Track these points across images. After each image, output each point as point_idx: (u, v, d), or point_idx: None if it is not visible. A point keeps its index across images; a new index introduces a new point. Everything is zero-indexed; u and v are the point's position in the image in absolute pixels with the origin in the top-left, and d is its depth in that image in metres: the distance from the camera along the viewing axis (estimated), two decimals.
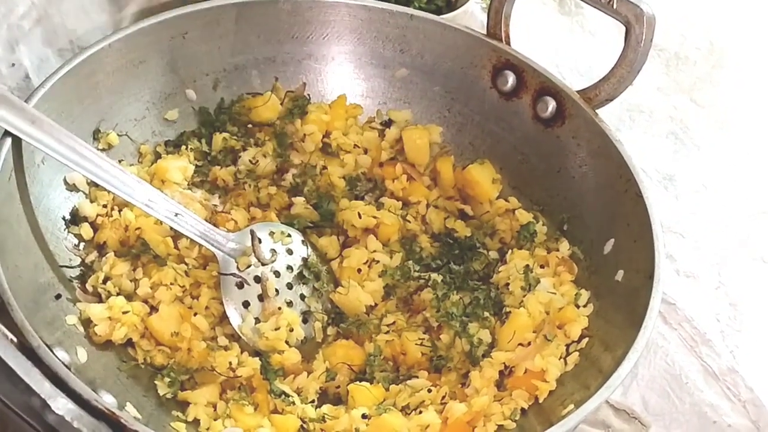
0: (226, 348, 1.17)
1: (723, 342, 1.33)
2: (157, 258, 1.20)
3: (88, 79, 1.23)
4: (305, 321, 1.22)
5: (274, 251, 1.23)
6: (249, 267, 1.21)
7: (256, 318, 1.19)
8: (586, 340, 1.16)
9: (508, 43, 1.34)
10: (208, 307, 1.20)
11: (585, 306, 1.19)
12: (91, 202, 1.23)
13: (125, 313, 1.14)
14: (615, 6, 1.21)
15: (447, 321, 1.21)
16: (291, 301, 1.22)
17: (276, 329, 1.18)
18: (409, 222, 1.31)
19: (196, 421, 1.10)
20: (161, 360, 1.15)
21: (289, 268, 1.24)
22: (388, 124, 1.40)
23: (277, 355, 1.17)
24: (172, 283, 1.18)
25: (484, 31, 1.35)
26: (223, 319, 1.20)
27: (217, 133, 1.34)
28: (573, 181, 1.29)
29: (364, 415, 1.10)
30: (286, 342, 1.18)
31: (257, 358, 1.16)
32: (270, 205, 1.32)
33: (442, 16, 1.43)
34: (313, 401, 1.15)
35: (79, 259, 1.20)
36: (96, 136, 1.26)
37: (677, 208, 1.48)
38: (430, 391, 1.15)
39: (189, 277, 1.20)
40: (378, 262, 1.26)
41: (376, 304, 1.24)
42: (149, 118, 1.32)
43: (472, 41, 1.35)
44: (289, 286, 1.23)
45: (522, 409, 1.12)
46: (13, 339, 0.94)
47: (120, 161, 1.26)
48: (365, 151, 1.38)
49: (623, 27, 1.22)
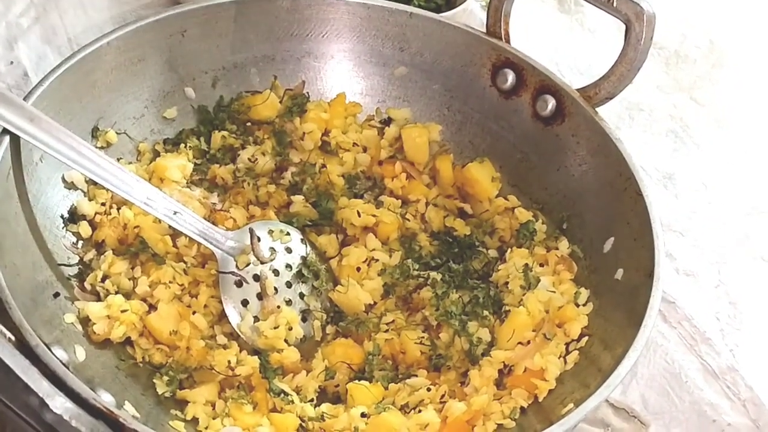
0: (225, 347, 1.16)
1: (723, 340, 1.32)
2: (155, 256, 1.20)
3: (86, 77, 1.23)
4: (304, 319, 1.22)
5: (273, 249, 1.23)
6: (248, 265, 1.21)
7: (255, 316, 1.19)
8: (586, 338, 1.15)
9: (508, 41, 1.34)
10: (206, 305, 1.20)
11: (584, 305, 1.19)
12: (90, 200, 1.23)
13: (124, 311, 1.13)
14: (615, 4, 1.21)
15: (446, 320, 1.20)
16: (290, 300, 1.22)
17: (275, 328, 1.18)
18: (408, 220, 1.31)
19: (195, 420, 1.10)
20: (160, 358, 1.15)
21: (288, 266, 1.24)
22: (388, 122, 1.40)
23: (276, 353, 1.16)
24: (170, 282, 1.18)
25: (484, 30, 1.35)
26: (222, 317, 1.20)
27: (216, 132, 1.34)
28: (572, 179, 1.29)
29: (363, 414, 1.10)
30: (285, 341, 1.18)
31: (256, 357, 1.16)
32: (269, 203, 1.32)
33: (441, 14, 1.43)
34: (312, 400, 1.15)
35: (78, 258, 1.20)
36: (94, 134, 1.26)
37: (677, 206, 1.48)
38: (429, 389, 1.15)
39: (188, 276, 1.20)
40: (377, 260, 1.25)
41: (375, 303, 1.24)
42: (148, 116, 1.31)
43: (471, 39, 1.35)
44: (288, 285, 1.23)
45: (521, 408, 1.12)
46: (11, 338, 0.94)
47: (119, 159, 1.26)
48: (364, 150, 1.38)
49: (623, 25, 1.21)
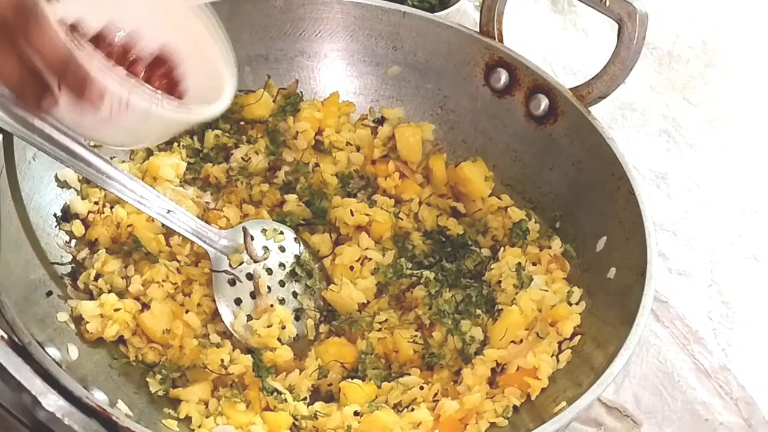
0: (218, 345, 1.16)
1: (715, 340, 1.33)
2: (149, 255, 1.20)
3: None
4: (297, 318, 1.22)
5: (266, 248, 1.23)
6: (241, 264, 1.21)
7: (248, 315, 1.19)
8: (578, 337, 1.16)
9: (501, 40, 1.34)
10: (200, 304, 1.20)
11: (577, 303, 1.19)
12: (83, 199, 1.23)
13: (117, 310, 1.13)
14: (608, 4, 1.21)
15: (439, 318, 1.21)
16: (283, 299, 1.22)
17: (268, 326, 1.18)
18: (401, 219, 1.31)
19: (188, 419, 1.10)
20: (153, 357, 1.15)
21: (282, 265, 1.24)
22: (381, 121, 1.40)
23: (269, 352, 1.16)
24: (164, 281, 1.18)
25: (477, 29, 1.35)
26: (215, 316, 1.20)
27: (209, 131, 1.34)
28: (565, 178, 1.29)
29: (356, 413, 1.10)
30: (279, 339, 1.18)
31: (249, 356, 1.16)
32: (262, 202, 1.32)
33: (434, 14, 1.43)
34: (305, 398, 1.15)
35: (71, 256, 1.19)
36: None
37: (670, 206, 1.48)
38: (422, 388, 1.15)
39: (181, 275, 1.20)
40: (370, 259, 1.25)
41: (369, 302, 1.24)
42: None
43: (464, 39, 1.35)
44: (282, 284, 1.23)
45: (514, 407, 1.12)
46: (4, 336, 0.94)
47: (112, 158, 1.26)
48: (358, 149, 1.38)
49: (616, 25, 1.22)
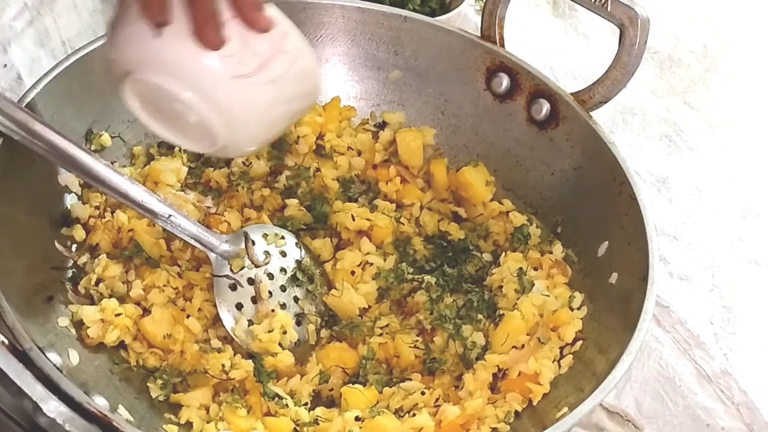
0: (219, 350, 1.16)
1: (716, 344, 1.33)
2: (149, 260, 1.20)
3: (80, 79, 1.22)
4: (299, 323, 1.22)
5: (267, 253, 1.23)
6: (242, 269, 1.20)
7: (249, 320, 1.19)
8: (580, 342, 1.15)
9: (502, 45, 1.34)
10: (201, 309, 1.19)
11: (579, 309, 1.19)
12: (84, 203, 1.23)
13: (118, 315, 1.13)
14: (609, 8, 1.21)
15: (440, 323, 1.20)
16: (284, 304, 1.22)
17: (269, 331, 1.17)
18: (402, 224, 1.31)
19: (189, 424, 1.09)
20: (154, 362, 1.14)
21: (283, 270, 1.24)
22: (382, 126, 1.40)
23: (270, 357, 1.16)
24: (165, 285, 1.18)
25: (478, 33, 1.35)
26: (216, 321, 1.19)
27: None
28: (567, 183, 1.29)
29: (357, 418, 1.10)
30: (280, 344, 1.18)
31: (250, 361, 1.16)
32: (263, 207, 1.32)
33: (435, 18, 1.43)
34: (306, 404, 1.15)
35: (72, 261, 1.19)
36: (88, 137, 1.25)
37: (671, 210, 1.48)
38: (423, 393, 1.15)
39: (182, 279, 1.20)
40: (371, 264, 1.25)
41: (370, 307, 1.24)
42: None
43: (466, 43, 1.35)
44: (283, 289, 1.23)
45: (516, 412, 1.12)
46: (5, 341, 0.94)
47: (113, 163, 1.26)
48: (359, 153, 1.38)
49: (617, 29, 1.22)
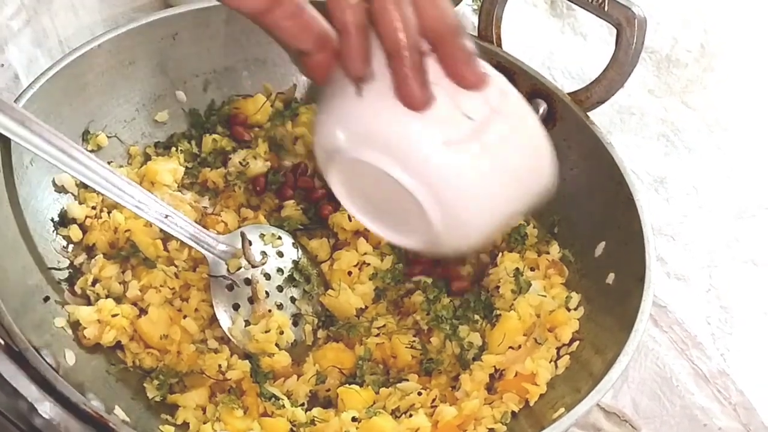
0: (215, 351, 1.16)
1: (714, 345, 1.33)
2: (146, 260, 1.20)
3: (77, 79, 1.22)
4: (295, 324, 1.22)
5: (264, 253, 1.23)
6: (239, 269, 1.20)
7: (245, 320, 1.19)
8: (577, 343, 1.15)
9: (500, 45, 1.34)
10: (197, 309, 1.19)
11: (575, 309, 1.19)
12: (80, 203, 1.22)
13: (114, 315, 1.13)
14: (606, 8, 1.21)
15: (437, 324, 1.20)
16: (281, 304, 1.22)
17: (266, 332, 1.17)
18: None
19: (186, 425, 1.09)
20: (150, 363, 1.14)
21: (280, 270, 1.24)
22: None
23: (267, 357, 1.16)
24: (161, 286, 1.18)
25: (475, 33, 1.35)
26: (213, 321, 1.19)
27: (207, 135, 1.33)
28: (564, 183, 1.27)
29: (354, 419, 1.10)
30: (276, 345, 1.18)
31: (247, 361, 1.15)
32: (260, 207, 1.32)
33: None
34: (303, 404, 1.15)
35: (68, 261, 1.19)
36: (85, 137, 1.25)
37: (668, 210, 1.48)
38: (420, 394, 1.15)
39: (179, 280, 1.20)
40: (368, 264, 1.25)
41: (367, 307, 1.24)
42: (139, 120, 1.31)
43: None
44: (280, 289, 1.23)
45: (512, 413, 1.12)
46: (0, 342, 0.94)
47: (109, 163, 1.26)
48: None
49: (614, 29, 1.22)
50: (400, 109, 0.82)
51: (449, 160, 0.83)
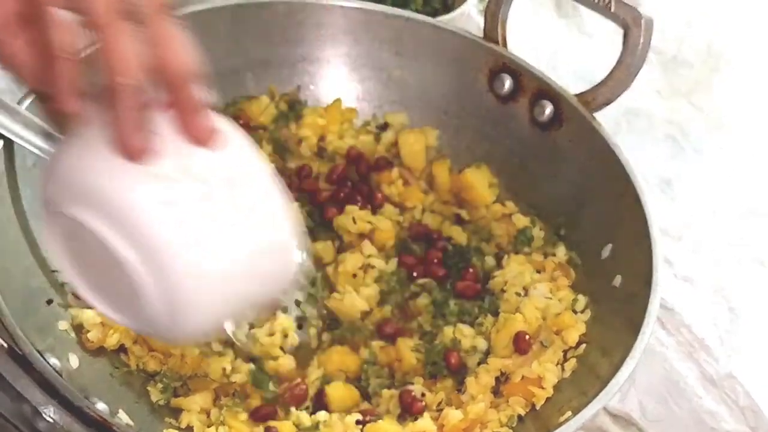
0: (219, 354, 1.16)
1: (721, 347, 1.32)
2: None
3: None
4: (300, 327, 1.21)
5: None
6: None
7: (250, 324, 1.18)
8: (584, 346, 1.15)
9: (505, 46, 1.33)
10: None
11: (582, 312, 1.18)
12: None
13: None
14: (613, 9, 1.21)
15: (442, 327, 1.20)
16: (286, 307, 1.21)
17: (270, 335, 1.17)
18: (404, 227, 1.30)
19: (190, 428, 1.09)
20: (154, 366, 1.13)
21: None
22: (384, 127, 1.40)
23: (271, 361, 1.16)
24: None
25: (481, 34, 1.34)
26: None
27: None
28: (570, 185, 1.28)
29: (358, 422, 1.09)
30: (281, 348, 1.17)
31: (252, 364, 1.15)
32: None
33: (438, 19, 1.43)
34: (307, 407, 1.14)
35: None
36: None
37: (675, 211, 1.47)
38: (424, 395, 1.14)
39: None
40: (374, 267, 1.25)
41: (372, 310, 1.23)
42: None
43: (468, 44, 1.35)
44: (284, 292, 1.22)
45: (519, 416, 1.11)
46: (4, 345, 0.94)
47: None
48: (360, 155, 1.37)
49: (621, 30, 1.21)
50: (117, 161, 0.72)
51: (166, 224, 0.72)
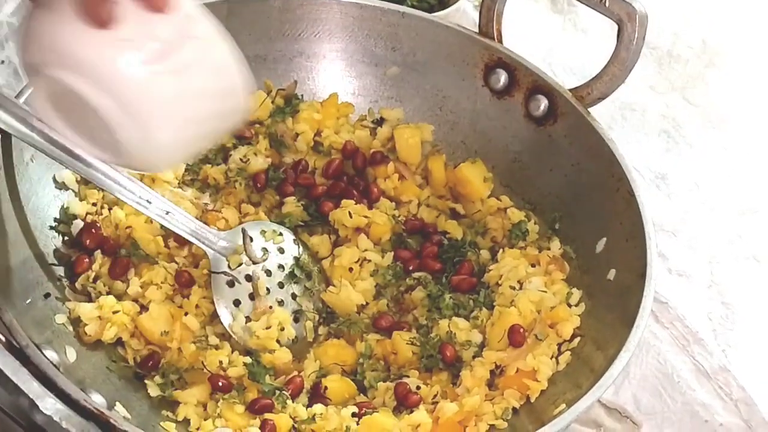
0: (216, 347, 1.16)
1: (715, 341, 1.33)
2: (148, 257, 1.20)
3: None
4: (296, 320, 1.22)
5: (265, 250, 1.23)
6: (240, 265, 1.20)
7: (246, 317, 1.19)
8: (578, 339, 1.15)
9: (500, 41, 1.34)
10: (198, 306, 1.19)
11: (577, 305, 1.19)
12: (81, 200, 1.22)
13: (115, 312, 1.13)
14: (607, 4, 1.21)
15: (437, 320, 1.20)
16: (282, 300, 1.22)
17: (267, 328, 1.17)
18: (400, 221, 1.31)
19: (186, 421, 1.09)
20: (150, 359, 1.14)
21: (281, 266, 1.23)
22: (380, 122, 1.40)
23: (268, 354, 1.16)
24: (162, 282, 1.18)
25: (476, 29, 1.35)
26: (214, 318, 1.19)
27: None
28: (565, 179, 1.29)
29: (354, 414, 1.10)
30: (277, 341, 1.17)
31: (248, 357, 1.15)
32: (261, 203, 1.32)
33: (434, 14, 1.43)
34: (304, 403, 1.15)
35: (68, 258, 1.19)
36: None
37: (669, 206, 1.48)
38: (419, 387, 1.15)
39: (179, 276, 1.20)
40: (369, 261, 1.25)
41: (368, 303, 1.24)
42: None
43: (464, 39, 1.35)
44: (281, 285, 1.23)
45: (513, 409, 1.12)
46: (2, 338, 0.94)
47: None
48: (357, 150, 1.37)
49: (616, 25, 1.21)
50: (86, 27, 0.85)
51: (134, 79, 0.86)
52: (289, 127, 1.35)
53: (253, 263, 1.21)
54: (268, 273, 1.22)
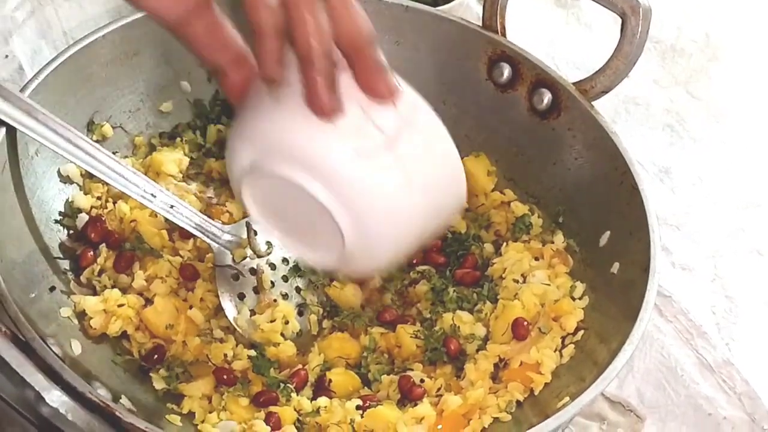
0: (221, 340, 1.17)
1: (718, 334, 1.33)
2: (152, 250, 1.20)
3: (81, 70, 1.22)
4: (300, 314, 1.22)
5: (269, 243, 1.23)
6: (244, 259, 1.20)
7: (251, 310, 1.19)
8: (582, 332, 1.16)
9: (504, 34, 1.34)
10: (203, 299, 1.19)
11: (580, 298, 1.19)
12: (86, 194, 1.23)
13: (120, 305, 1.13)
14: None
15: (441, 313, 1.21)
16: (286, 294, 1.22)
17: (271, 321, 1.17)
18: None
19: (191, 414, 1.10)
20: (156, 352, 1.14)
21: (285, 260, 1.24)
22: None
23: (272, 347, 1.16)
24: (167, 276, 1.18)
25: (480, 23, 1.35)
26: (218, 311, 1.20)
27: (211, 125, 1.33)
28: (568, 173, 1.29)
29: (358, 407, 1.10)
30: (282, 335, 1.18)
31: (253, 351, 1.16)
32: None
33: (437, 8, 1.43)
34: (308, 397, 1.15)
35: (73, 251, 1.19)
36: (90, 127, 1.25)
37: (673, 200, 1.48)
38: (422, 381, 1.15)
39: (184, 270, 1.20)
40: None
41: (372, 297, 1.24)
42: (143, 110, 1.31)
43: (467, 33, 1.35)
44: (285, 279, 1.23)
45: (517, 402, 1.12)
46: (7, 331, 0.94)
47: (114, 153, 1.26)
48: None
49: (619, 19, 1.21)
50: (312, 120, 0.82)
51: (360, 171, 0.83)
52: None
53: (258, 257, 1.21)
54: (273, 266, 1.22)
